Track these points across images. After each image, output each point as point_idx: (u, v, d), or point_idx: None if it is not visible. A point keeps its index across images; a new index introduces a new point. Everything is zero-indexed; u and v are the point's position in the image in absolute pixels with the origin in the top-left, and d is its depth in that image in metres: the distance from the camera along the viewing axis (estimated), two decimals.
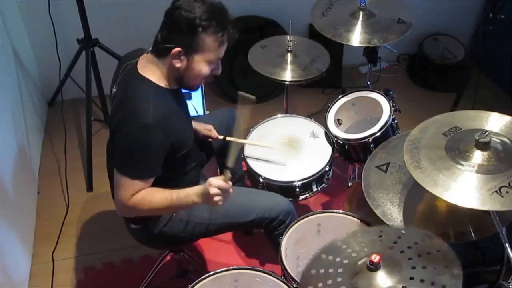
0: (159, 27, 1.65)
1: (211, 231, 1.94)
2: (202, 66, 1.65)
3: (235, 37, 1.65)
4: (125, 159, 1.65)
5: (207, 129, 2.14)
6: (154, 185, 1.69)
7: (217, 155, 2.36)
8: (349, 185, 2.64)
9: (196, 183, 1.93)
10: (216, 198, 1.61)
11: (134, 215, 1.77)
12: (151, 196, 1.67)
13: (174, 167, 1.76)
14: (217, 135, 2.15)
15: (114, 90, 1.78)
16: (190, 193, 1.67)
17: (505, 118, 1.56)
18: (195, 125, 2.11)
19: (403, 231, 1.45)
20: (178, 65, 1.63)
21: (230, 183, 1.64)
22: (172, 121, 1.66)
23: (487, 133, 1.44)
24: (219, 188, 1.60)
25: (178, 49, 1.59)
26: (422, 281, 1.27)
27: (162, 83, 1.67)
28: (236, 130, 2.12)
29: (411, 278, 1.28)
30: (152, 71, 1.67)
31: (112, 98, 1.79)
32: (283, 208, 1.97)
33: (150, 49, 1.70)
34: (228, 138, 2.17)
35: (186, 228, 1.89)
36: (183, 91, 1.82)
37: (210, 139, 2.16)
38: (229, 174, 1.64)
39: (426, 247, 1.38)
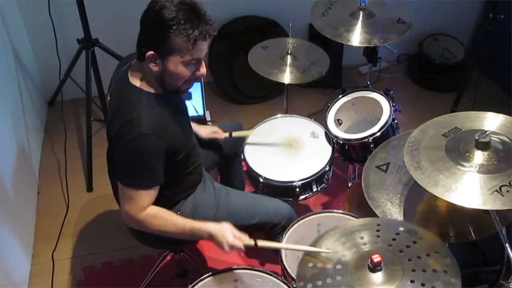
0: None
1: None
2: (179, 68, 1.59)
3: (212, 34, 1.57)
4: (126, 170, 1.64)
5: (213, 132, 2.16)
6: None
7: (218, 168, 2.36)
8: (349, 185, 2.64)
9: (198, 183, 1.93)
10: (225, 248, 1.67)
11: (142, 229, 1.74)
12: (165, 218, 1.69)
13: (175, 170, 1.75)
14: (223, 134, 2.18)
15: (109, 98, 1.78)
16: (204, 230, 1.68)
17: (505, 118, 1.57)
18: (200, 130, 2.12)
19: (402, 228, 1.46)
20: (155, 68, 1.59)
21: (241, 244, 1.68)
22: (167, 126, 1.65)
23: (487, 133, 1.44)
24: (231, 245, 1.66)
25: (151, 52, 1.56)
26: (423, 285, 1.28)
27: (151, 89, 1.66)
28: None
29: (412, 282, 1.29)
30: (140, 78, 1.66)
31: (109, 106, 1.79)
32: (286, 214, 1.98)
33: None
34: (234, 134, 2.22)
35: None
36: None
37: (217, 140, 2.18)
38: (252, 243, 1.68)
39: (425, 247, 1.38)
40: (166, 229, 1.70)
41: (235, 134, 2.23)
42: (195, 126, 2.17)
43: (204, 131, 2.15)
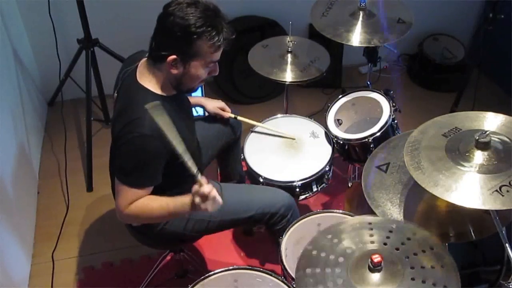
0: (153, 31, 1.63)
1: (211, 228, 1.94)
2: (199, 71, 1.64)
3: (231, 38, 1.63)
4: (123, 168, 1.65)
5: (220, 108, 2.17)
6: (157, 191, 1.69)
7: (218, 159, 2.36)
8: (349, 185, 2.64)
9: None
10: (203, 206, 1.58)
11: (134, 222, 1.78)
12: (149, 205, 1.68)
13: (175, 173, 1.75)
14: (228, 114, 2.19)
15: (115, 95, 1.79)
16: (184, 202, 1.66)
17: (505, 118, 1.57)
18: (207, 103, 2.15)
19: (394, 225, 1.46)
20: (174, 71, 1.62)
21: (209, 186, 1.57)
22: None
23: (487, 133, 1.44)
24: (200, 195, 1.57)
25: (173, 56, 1.58)
26: (424, 282, 1.28)
27: (159, 90, 1.67)
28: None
29: (413, 279, 1.29)
30: (149, 79, 1.67)
31: (114, 105, 1.80)
32: (283, 203, 1.97)
33: (147, 54, 1.70)
34: (239, 118, 2.23)
35: (187, 226, 1.89)
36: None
37: (221, 117, 2.19)
38: (203, 180, 1.58)
39: (419, 243, 1.39)
40: (154, 215, 1.70)
41: (240, 118, 2.23)
42: (203, 99, 2.20)
43: (211, 104, 2.16)
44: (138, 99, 1.64)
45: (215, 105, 2.18)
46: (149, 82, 1.67)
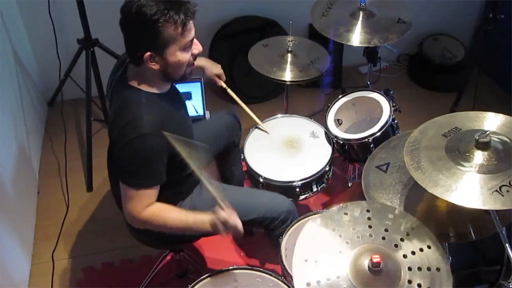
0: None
1: None
2: (179, 56, 1.60)
3: (195, 10, 1.57)
4: (127, 170, 1.65)
5: (218, 74, 2.20)
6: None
7: (217, 161, 2.36)
8: (349, 185, 2.64)
9: (197, 184, 1.93)
10: (225, 231, 1.66)
11: (145, 227, 1.76)
12: (167, 214, 1.68)
13: (175, 170, 1.75)
14: (221, 83, 2.25)
15: (109, 98, 1.78)
16: (205, 220, 1.67)
17: (505, 118, 1.57)
18: (207, 66, 2.18)
19: (391, 215, 1.46)
20: (156, 67, 1.60)
21: (229, 212, 1.65)
22: (168, 126, 1.65)
23: (487, 133, 1.44)
24: (221, 221, 1.64)
25: (148, 53, 1.56)
26: (419, 285, 1.29)
27: (152, 89, 1.67)
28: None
29: (409, 282, 1.30)
30: (138, 80, 1.66)
31: (108, 107, 1.79)
32: (284, 208, 1.97)
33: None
34: (229, 91, 2.29)
35: None
36: (180, 90, 1.82)
37: (214, 84, 2.22)
38: (225, 204, 1.66)
39: (418, 240, 1.39)
40: (170, 225, 1.69)
41: (230, 91, 2.32)
42: (204, 62, 2.21)
43: (210, 69, 2.19)
44: (132, 100, 1.64)
45: (213, 71, 2.20)
46: (139, 82, 1.66)
